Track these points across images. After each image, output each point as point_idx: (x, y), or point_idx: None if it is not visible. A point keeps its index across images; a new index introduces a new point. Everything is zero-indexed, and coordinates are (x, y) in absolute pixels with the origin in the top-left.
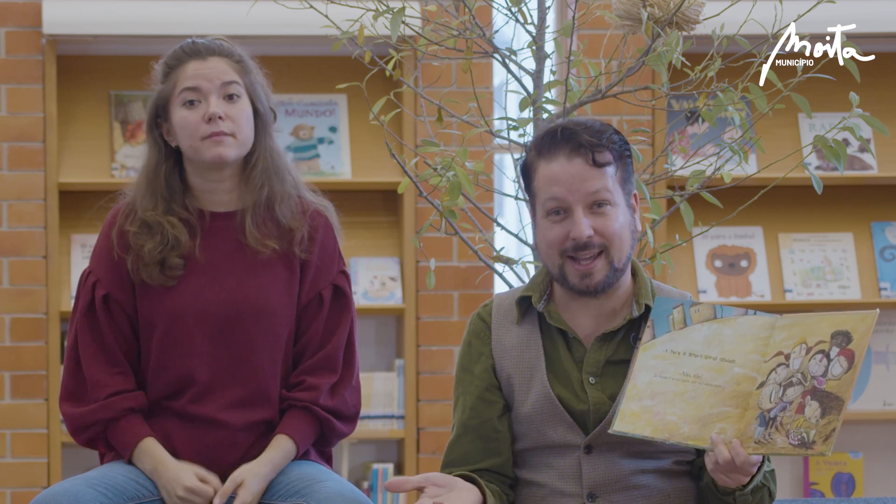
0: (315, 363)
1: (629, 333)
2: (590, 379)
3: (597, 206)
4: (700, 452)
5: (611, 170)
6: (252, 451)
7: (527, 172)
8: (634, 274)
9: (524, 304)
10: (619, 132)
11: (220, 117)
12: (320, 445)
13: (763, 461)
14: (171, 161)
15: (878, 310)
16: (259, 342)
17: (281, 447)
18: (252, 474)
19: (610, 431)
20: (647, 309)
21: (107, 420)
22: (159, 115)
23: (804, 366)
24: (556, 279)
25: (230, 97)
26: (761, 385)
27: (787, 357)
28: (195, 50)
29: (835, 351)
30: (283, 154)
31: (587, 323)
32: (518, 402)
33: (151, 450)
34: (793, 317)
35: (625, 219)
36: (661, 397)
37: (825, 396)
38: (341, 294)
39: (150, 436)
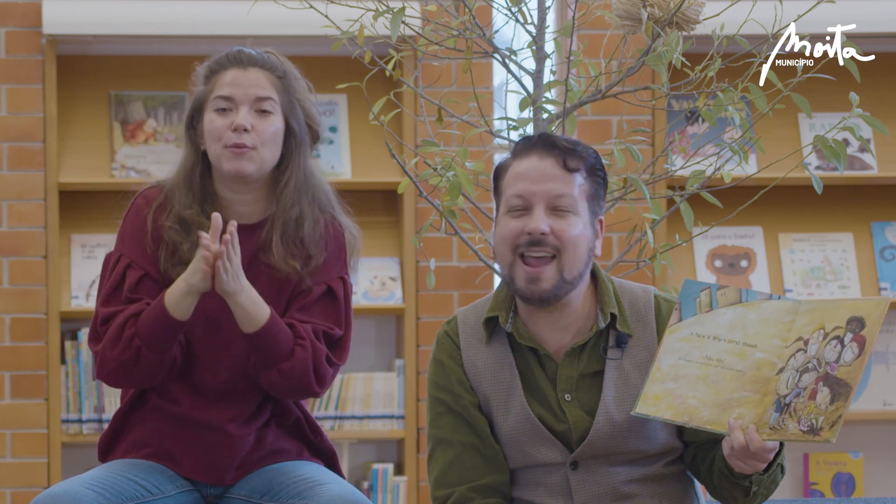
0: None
1: (598, 344)
2: (565, 396)
3: (559, 209)
4: (689, 451)
5: (579, 178)
6: (252, 453)
7: (498, 174)
8: (595, 279)
9: (491, 324)
10: (599, 155)
11: (245, 129)
12: (278, 367)
13: (781, 447)
14: (204, 164)
15: (889, 297)
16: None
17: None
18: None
19: (632, 414)
20: (613, 318)
21: (129, 315)
22: (195, 117)
23: (820, 351)
24: (507, 281)
25: (262, 112)
26: (780, 370)
27: (806, 343)
28: (238, 58)
29: (848, 337)
30: (320, 177)
31: (554, 337)
32: (498, 422)
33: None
34: (814, 302)
35: (584, 232)
36: (684, 380)
37: (835, 382)
38: (332, 296)
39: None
